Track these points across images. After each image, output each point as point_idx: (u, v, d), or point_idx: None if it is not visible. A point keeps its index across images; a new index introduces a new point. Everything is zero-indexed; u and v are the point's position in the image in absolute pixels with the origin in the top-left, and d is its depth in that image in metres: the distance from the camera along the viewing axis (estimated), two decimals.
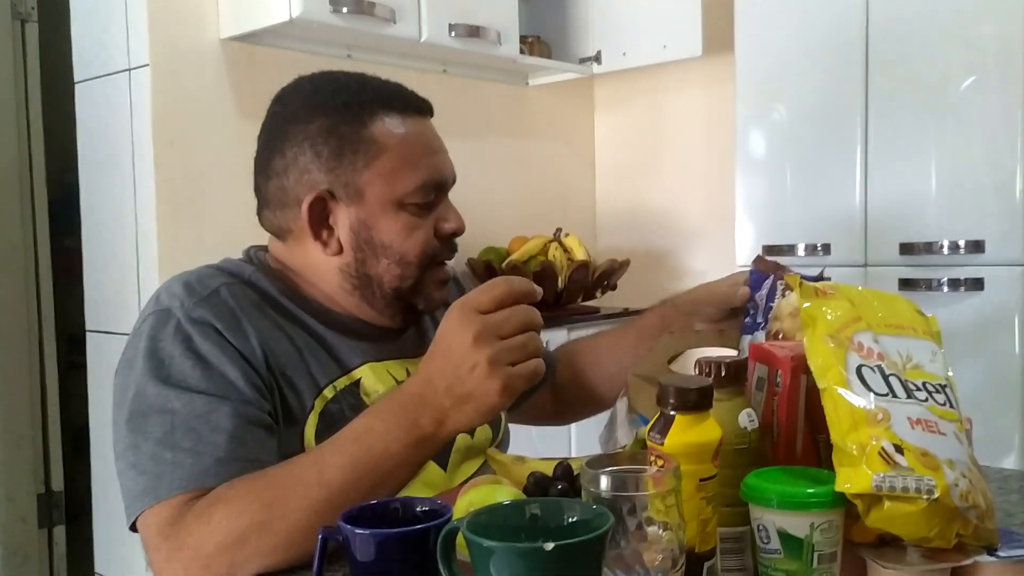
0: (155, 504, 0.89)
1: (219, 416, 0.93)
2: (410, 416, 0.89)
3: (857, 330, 0.78)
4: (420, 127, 1.10)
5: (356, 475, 0.87)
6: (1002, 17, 2.14)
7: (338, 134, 1.05)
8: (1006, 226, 2.15)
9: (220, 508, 0.87)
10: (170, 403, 0.93)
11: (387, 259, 1.06)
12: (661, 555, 0.66)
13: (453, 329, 0.88)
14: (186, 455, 0.91)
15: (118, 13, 2.21)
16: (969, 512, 0.70)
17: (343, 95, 1.07)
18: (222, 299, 1.00)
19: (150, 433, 0.93)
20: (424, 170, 1.06)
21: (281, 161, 1.07)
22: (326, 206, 1.06)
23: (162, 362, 0.96)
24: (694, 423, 0.72)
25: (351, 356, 1.08)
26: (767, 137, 2.54)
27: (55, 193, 2.98)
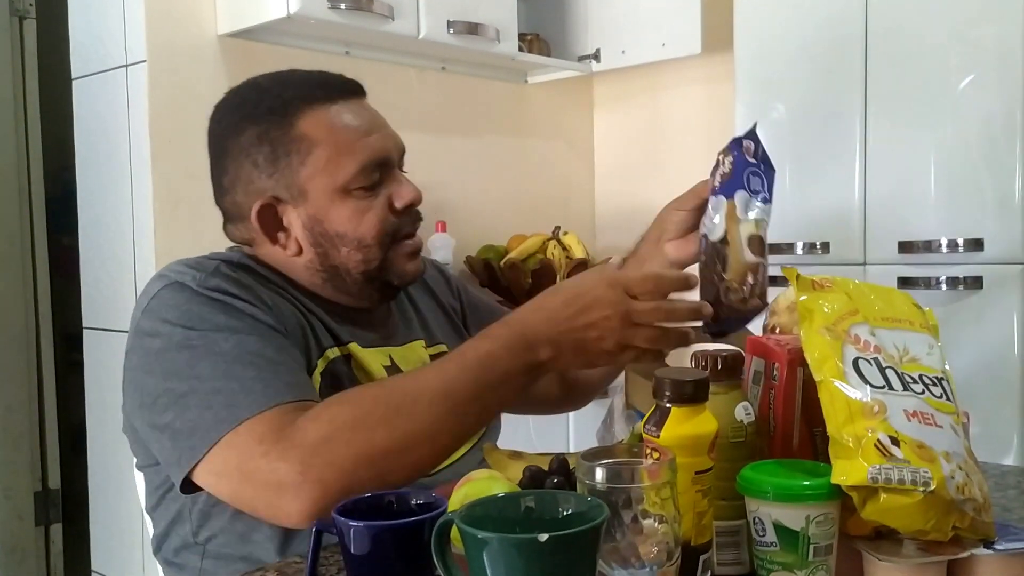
0: (239, 424, 0.88)
1: (272, 349, 0.94)
2: (531, 346, 0.91)
3: (854, 323, 0.78)
4: (349, 111, 1.09)
5: (477, 391, 0.91)
6: (1001, 16, 2.14)
7: (269, 139, 1.06)
8: (1005, 225, 2.15)
9: (341, 408, 0.88)
10: (217, 346, 0.93)
11: (346, 247, 1.07)
12: (657, 548, 0.66)
13: (603, 296, 0.90)
14: (254, 382, 0.91)
15: (115, 9, 2.21)
16: (965, 505, 0.70)
17: (266, 100, 1.07)
18: (226, 272, 1.02)
19: (205, 377, 0.92)
20: (360, 153, 1.06)
21: (227, 177, 1.09)
22: (276, 211, 1.07)
23: (195, 317, 0.96)
24: (690, 416, 0.72)
25: (341, 332, 1.09)
26: (766, 135, 2.50)
27: (52, 191, 2.97)
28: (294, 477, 0.85)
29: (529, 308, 0.94)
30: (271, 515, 0.88)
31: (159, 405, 0.93)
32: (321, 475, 0.85)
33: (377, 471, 0.86)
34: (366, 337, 1.12)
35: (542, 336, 0.91)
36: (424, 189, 1.15)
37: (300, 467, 0.85)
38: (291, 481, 0.85)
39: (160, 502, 1.06)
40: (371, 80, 1.20)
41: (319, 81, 1.10)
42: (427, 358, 1.18)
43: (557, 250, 2.77)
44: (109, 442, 2.28)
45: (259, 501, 0.88)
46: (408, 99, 2.73)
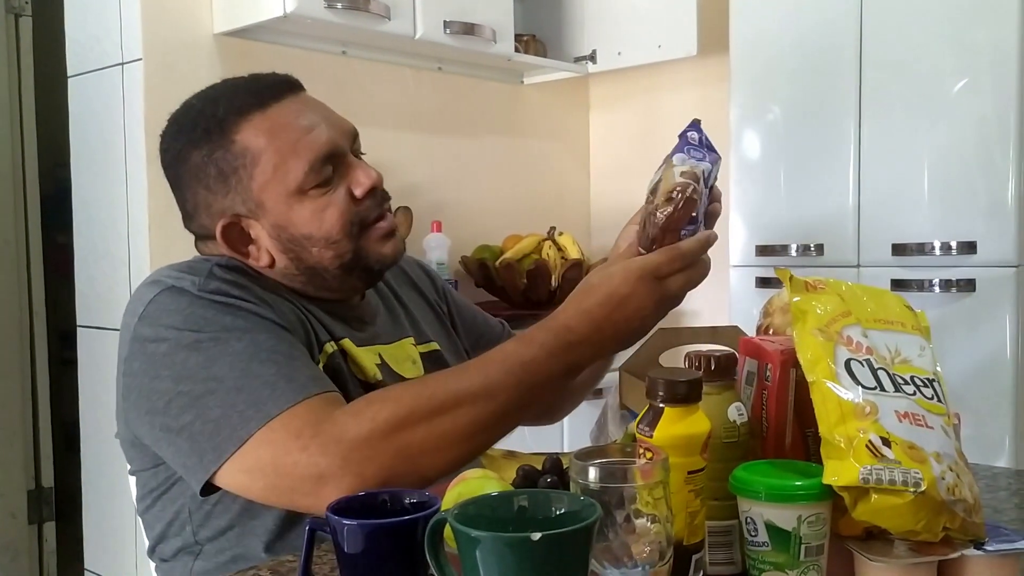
0: (266, 422, 0.88)
1: (285, 344, 0.95)
2: (575, 354, 0.93)
3: (846, 324, 0.78)
4: (286, 111, 1.07)
5: (518, 395, 0.92)
6: (995, 19, 2.15)
7: (213, 160, 1.05)
8: (998, 227, 2.16)
9: (383, 406, 0.88)
10: (230, 346, 0.93)
11: (316, 246, 1.06)
12: (649, 547, 0.66)
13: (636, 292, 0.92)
14: (276, 378, 0.91)
15: (111, 7, 2.20)
16: (956, 506, 0.70)
17: (201, 122, 1.06)
18: (221, 275, 1.01)
19: (223, 377, 0.91)
20: (306, 151, 1.04)
21: (188, 204, 1.10)
22: (240, 227, 1.07)
23: (200, 319, 0.95)
24: (683, 416, 0.73)
25: (334, 328, 1.09)
26: (761, 137, 2.54)
27: (47, 189, 2.97)
28: (335, 470, 0.85)
29: (568, 314, 0.94)
30: (309, 503, 0.88)
31: (174, 408, 0.92)
32: (361, 469, 0.86)
33: (415, 467, 0.88)
34: (356, 335, 1.12)
35: (584, 339, 0.93)
36: (420, 189, 1.15)
37: (341, 461, 0.86)
38: (332, 474, 0.86)
39: (154, 504, 1.05)
40: (367, 80, 1.20)
41: (249, 88, 1.08)
42: (417, 356, 1.18)
43: (552, 250, 2.77)
44: (103, 440, 2.28)
45: (298, 492, 0.88)
46: (404, 99, 2.73)
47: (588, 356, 0.94)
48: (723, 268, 2.63)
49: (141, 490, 1.08)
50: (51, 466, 2.91)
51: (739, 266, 2.58)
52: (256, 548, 0.99)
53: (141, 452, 1.03)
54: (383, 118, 2.66)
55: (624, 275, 0.93)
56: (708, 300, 3.21)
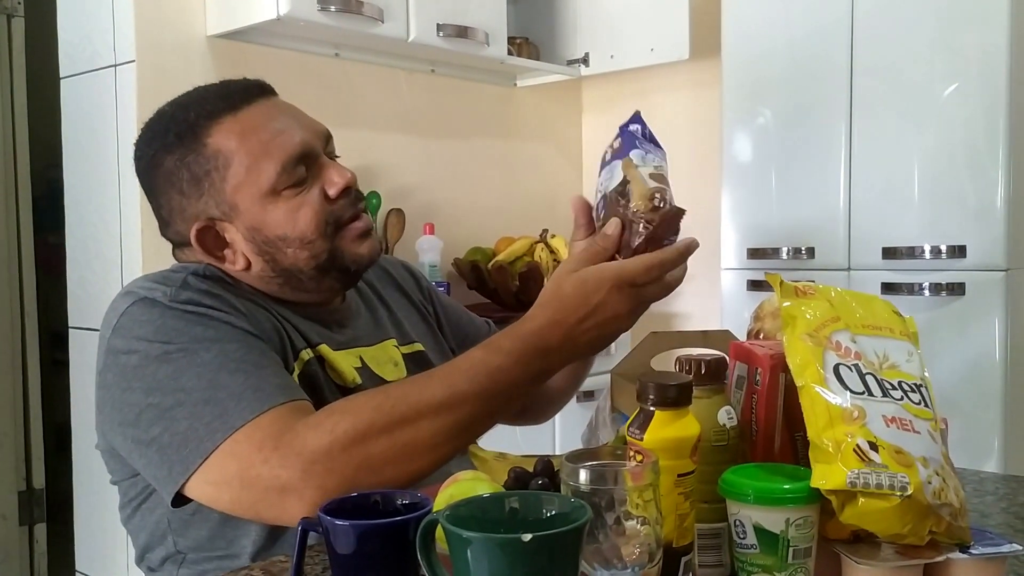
0: (230, 433, 0.88)
1: (255, 354, 0.94)
2: (544, 361, 0.92)
3: (835, 330, 0.79)
4: (257, 113, 1.07)
5: (484, 404, 0.91)
6: (985, 25, 2.17)
7: (186, 164, 1.05)
8: (988, 231, 2.18)
9: (343, 417, 0.88)
10: (199, 356, 0.93)
11: (291, 247, 1.06)
12: (639, 549, 0.67)
13: (611, 300, 0.91)
14: (243, 388, 0.90)
15: (104, 9, 2.21)
16: (942, 509, 0.71)
17: (173, 127, 1.06)
18: (195, 284, 1.01)
19: (191, 388, 0.91)
20: (277, 152, 1.04)
21: (163, 210, 1.09)
22: (215, 231, 1.07)
23: (171, 330, 0.95)
24: (673, 419, 0.73)
25: (311, 335, 1.09)
26: (752, 141, 2.56)
27: (39, 189, 2.96)
28: (296, 483, 0.85)
29: (537, 321, 0.93)
30: (274, 515, 0.88)
31: (144, 420, 0.93)
32: (323, 482, 0.85)
33: (379, 478, 0.87)
34: (335, 339, 1.12)
35: (555, 347, 0.92)
36: (413, 191, 1.15)
37: (301, 474, 0.85)
38: (294, 486, 0.85)
39: (135, 514, 1.05)
40: (360, 82, 1.20)
41: (220, 93, 1.08)
42: (399, 357, 1.17)
43: (544, 253, 2.78)
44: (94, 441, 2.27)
45: (262, 504, 0.88)
46: (397, 101, 2.73)
47: (558, 363, 0.93)
48: (714, 271, 2.64)
49: (123, 499, 1.08)
50: (42, 467, 2.91)
51: (730, 269, 2.60)
52: (242, 559, 0.99)
53: (119, 462, 1.03)
54: (376, 120, 2.66)
55: (598, 283, 0.91)
56: (699, 303, 3.22)
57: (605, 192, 0.98)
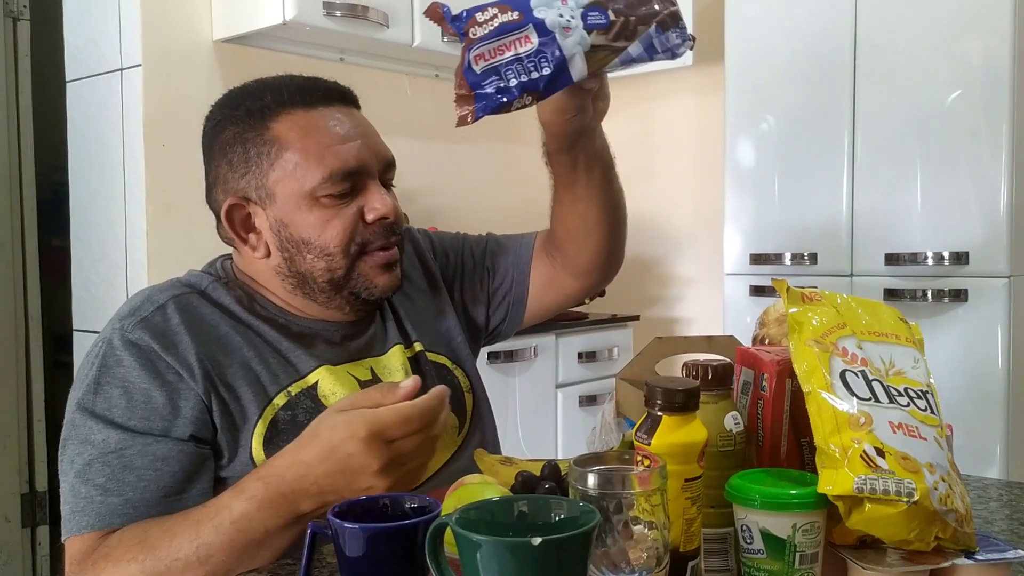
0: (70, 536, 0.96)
1: (132, 453, 0.96)
2: (290, 504, 0.88)
3: (841, 336, 0.79)
4: (329, 117, 1.07)
5: (235, 553, 0.89)
6: (988, 32, 2.17)
7: (243, 140, 1.06)
8: (990, 238, 2.18)
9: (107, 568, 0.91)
10: (92, 435, 0.97)
11: (310, 254, 1.06)
12: (646, 553, 0.67)
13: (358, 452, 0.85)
14: (96, 492, 0.95)
15: (111, 13, 2.21)
16: (948, 515, 0.71)
17: (247, 102, 1.08)
18: (167, 316, 1.02)
19: (74, 463, 0.97)
20: (330, 160, 1.04)
21: (211, 175, 1.11)
22: (247, 211, 1.08)
23: (90, 392, 0.99)
24: (681, 424, 0.74)
25: (306, 361, 1.07)
26: (755, 147, 2.56)
27: (44, 192, 2.97)
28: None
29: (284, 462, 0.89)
30: None
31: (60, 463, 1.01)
32: None
33: None
34: (341, 353, 1.11)
35: (300, 492, 0.88)
36: (416, 195, 1.15)
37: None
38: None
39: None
40: (365, 86, 1.20)
41: (303, 86, 1.09)
42: (406, 363, 1.15)
43: None
44: None
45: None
46: (401, 106, 2.74)
47: (311, 507, 0.88)
48: (717, 276, 2.64)
49: None
50: (45, 470, 2.91)
51: (733, 274, 2.60)
52: None
53: None
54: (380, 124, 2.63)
55: (349, 431, 0.85)
56: (701, 307, 3.23)
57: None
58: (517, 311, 1.31)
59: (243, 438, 1.01)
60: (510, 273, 1.30)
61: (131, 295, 1.08)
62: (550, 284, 1.30)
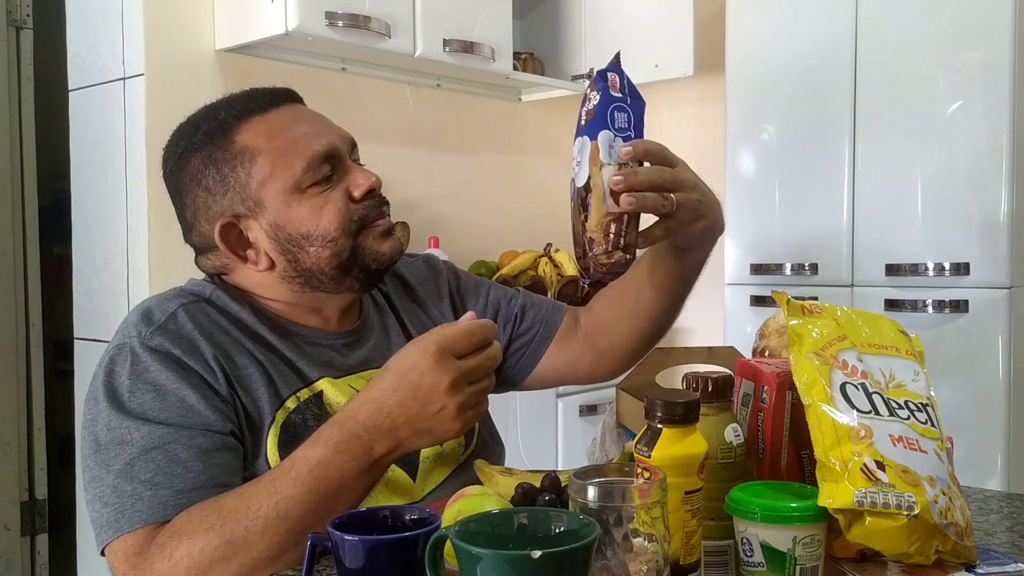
0: (119, 536, 0.91)
1: (176, 446, 0.95)
2: (365, 445, 0.89)
3: (842, 348, 0.79)
4: (284, 115, 1.09)
5: (313, 504, 0.88)
6: (988, 42, 2.18)
7: (213, 161, 1.07)
8: (991, 249, 2.18)
9: (181, 543, 0.88)
10: (130, 434, 0.95)
11: (313, 246, 1.07)
12: (646, 566, 0.67)
13: (428, 369, 0.88)
14: (145, 487, 0.92)
15: (114, 22, 2.22)
16: (948, 529, 0.71)
17: (202, 126, 1.09)
18: (179, 323, 1.02)
19: (111, 465, 0.94)
20: (304, 149, 1.06)
21: (188, 211, 1.11)
22: (239, 228, 1.08)
23: (121, 395, 0.97)
24: (681, 436, 0.74)
25: (310, 369, 1.08)
26: (756, 157, 2.56)
27: (46, 200, 2.98)
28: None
29: (358, 402, 0.91)
30: None
31: (86, 472, 0.98)
32: None
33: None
34: (345, 363, 1.12)
35: (374, 431, 0.89)
36: (418, 205, 1.15)
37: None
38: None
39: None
40: (367, 96, 1.21)
41: (248, 96, 1.11)
42: None
43: (548, 267, 2.79)
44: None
45: None
46: (403, 115, 2.75)
47: (386, 449, 0.89)
48: (718, 286, 2.64)
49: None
50: (45, 478, 2.91)
51: (733, 284, 2.60)
52: None
53: None
54: (382, 134, 2.68)
55: (418, 350, 0.88)
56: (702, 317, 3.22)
57: (574, 181, 0.96)
58: (526, 365, 1.30)
59: (261, 440, 1.01)
60: (537, 324, 1.30)
61: (135, 306, 1.07)
62: (567, 352, 1.30)
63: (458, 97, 2.93)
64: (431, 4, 2.42)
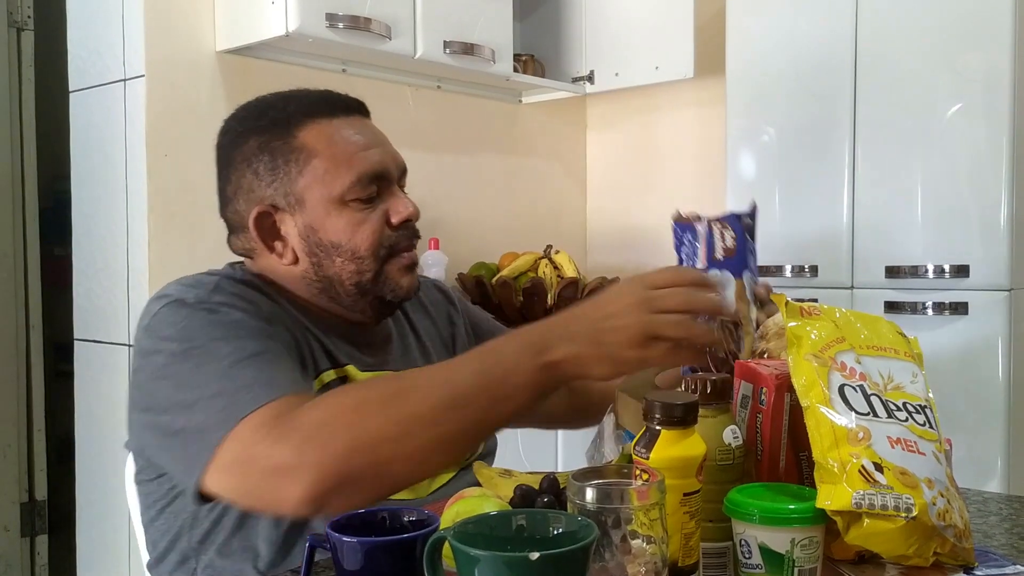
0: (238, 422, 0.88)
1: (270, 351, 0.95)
2: (541, 344, 0.87)
3: (840, 350, 0.79)
4: (350, 126, 1.12)
5: (483, 382, 0.87)
6: (988, 45, 2.18)
7: (270, 149, 1.09)
8: (991, 251, 2.18)
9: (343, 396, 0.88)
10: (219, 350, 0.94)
11: (340, 257, 1.08)
12: (644, 568, 0.67)
13: (616, 289, 0.88)
14: (254, 380, 0.91)
15: (115, 23, 2.22)
16: (946, 531, 0.71)
17: (270, 113, 1.11)
18: (227, 287, 1.03)
19: (208, 383, 0.91)
20: (358, 165, 1.08)
21: (230, 187, 1.12)
22: (273, 219, 1.09)
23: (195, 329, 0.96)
24: (679, 438, 0.74)
25: (339, 354, 1.10)
26: (756, 158, 2.56)
27: (46, 201, 2.98)
28: (290, 460, 0.84)
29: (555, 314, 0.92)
30: (273, 503, 0.87)
31: (170, 415, 0.94)
32: (318, 459, 0.83)
33: (374, 458, 0.85)
34: (364, 360, 1.13)
35: (555, 332, 0.88)
36: (418, 206, 1.16)
37: (296, 451, 0.84)
38: (288, 465, 0.84)
39: (159, 516, 1.06)
40: (367, 97, 1.22)
41: (323, 97, 1.13)
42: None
43: (548, 269, 2.78)
44: (97, 453, 2.28)
45: (261, 490, 0.87)
46: (403, 117, 2.75)
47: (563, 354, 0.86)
48: None
49: (146, 501, 1.08)
50: (45, 479, 2.91)
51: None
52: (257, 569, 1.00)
53: (147, 462, 1.05)
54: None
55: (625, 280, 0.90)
56: None
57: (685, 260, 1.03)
58: None
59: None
60: None
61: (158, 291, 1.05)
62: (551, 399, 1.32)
63: (458, 99, 2.93)
64: (432, 6, 2.42)
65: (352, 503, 0.83)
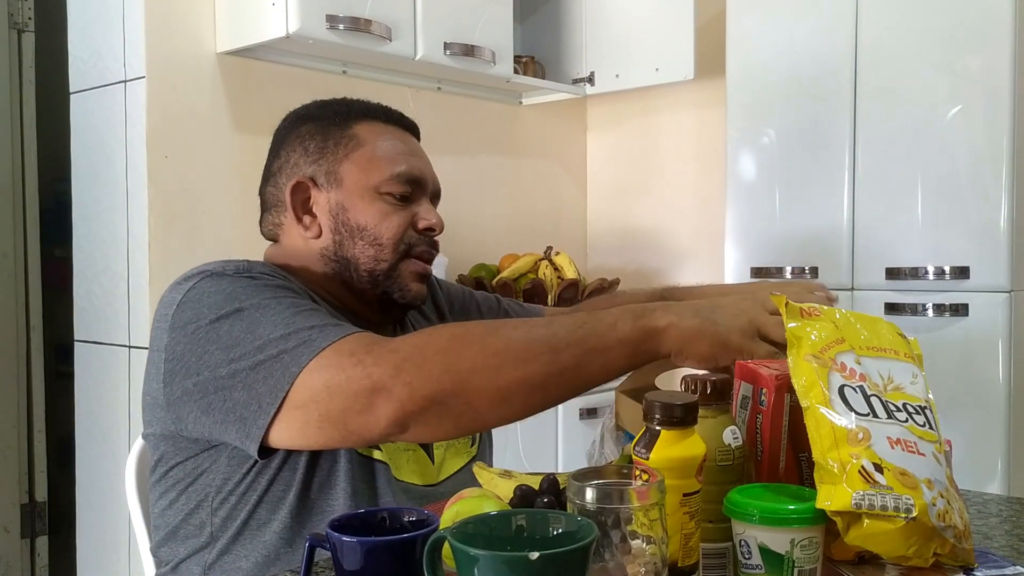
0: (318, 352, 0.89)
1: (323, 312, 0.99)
2: (649, 309, 0.90)
3: (840, 351, 0.79)
4: (402, 136, 1.20)
5: (579, 335, 0.88)
6: (988, 46, 2.18)
7: (323, 132, 1.16)
8: (991, 253, 2.18)
9: (438, 329, 0.91)
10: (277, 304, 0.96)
11: (362, 241, 1.13)
12: (644, 568, 0.67)
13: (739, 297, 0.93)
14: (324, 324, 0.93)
15: (115, 25, 2.22)
16: (946, 532, 0.71)
17: (331, 106, 1.20)
18: (260, 268, 1.05)
19: (270, 332, 0.92)
20: (400, 164, 1.15)
21: (276, 163, 1.18)
22: (309, 194, 1.15)
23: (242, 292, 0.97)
24: (679, 439, 0.74)
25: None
26: (757, 160, 2.57)
27: (47, 202, 2.98)
28: (387, 380, 0.86)
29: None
30: (361, 425, 0.87)
31: (222, 371, 0.93)
32: (412, 379, 0.86)
33: (463, 386, 0.86)
34: None
35: (662, 307, 0.90)
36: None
37: (393, 370, 0.86)
38: (384, 384, 0.86)
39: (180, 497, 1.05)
40: (367, 98, 1.24)
41: (384, 108, 1.22)
42: None
43: (549, 270, 2.79)
44: (97, 455, 2.28)
45: (351, 410, 0.87)
46: None
47: (663, 318, 0.89)
48: None
49: (162, 487, 1.07)
50: (45, 480, 2.91)
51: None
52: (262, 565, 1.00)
53: (175, 444, 1.03)
54: None
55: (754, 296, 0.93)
56: None
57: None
58: None
59: None
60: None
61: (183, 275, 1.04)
62: None
63: (459, 100, 2.93)
64: (432, 7, 2.42)
65: (434, 432, 0.88)
